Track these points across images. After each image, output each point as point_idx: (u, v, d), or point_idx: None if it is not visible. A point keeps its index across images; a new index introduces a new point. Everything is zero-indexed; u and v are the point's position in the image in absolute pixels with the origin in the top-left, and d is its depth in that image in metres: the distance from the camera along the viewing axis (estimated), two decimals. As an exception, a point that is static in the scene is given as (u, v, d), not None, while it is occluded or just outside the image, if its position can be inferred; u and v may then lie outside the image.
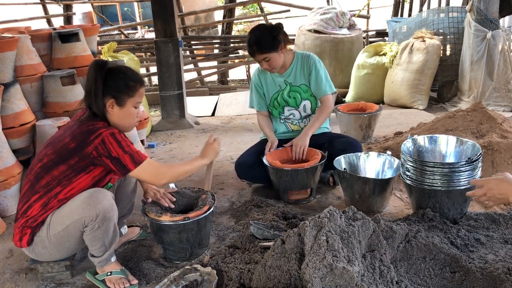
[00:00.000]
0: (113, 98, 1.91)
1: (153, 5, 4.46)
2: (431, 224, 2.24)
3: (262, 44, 2.67)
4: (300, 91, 2.90)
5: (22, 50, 3.27)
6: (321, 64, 2.86)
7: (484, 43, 4.76)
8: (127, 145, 1.87)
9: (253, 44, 2.69)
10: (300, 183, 2.67)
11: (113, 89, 1.91)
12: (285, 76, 2.89)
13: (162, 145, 4.25)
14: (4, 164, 2.74)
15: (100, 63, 1.93)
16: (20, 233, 1.92)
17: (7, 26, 6.12)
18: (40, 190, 1.87)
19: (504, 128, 2.96)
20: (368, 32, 6.99)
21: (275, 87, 2.93)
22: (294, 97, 2.91)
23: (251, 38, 2.72)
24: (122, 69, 1.99)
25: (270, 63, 2.73)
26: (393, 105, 5.39)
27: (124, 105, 1.94)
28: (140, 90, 1.97)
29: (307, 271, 1.58)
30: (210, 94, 6.70)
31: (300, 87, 2.89)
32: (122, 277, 1.99)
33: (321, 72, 2.83)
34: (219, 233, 2.44)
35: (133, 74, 1.98)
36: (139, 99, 1.98)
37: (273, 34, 2.69)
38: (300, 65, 2.87)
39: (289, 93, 2.91)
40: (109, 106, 1.92)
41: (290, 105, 2.94)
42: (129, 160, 1.86)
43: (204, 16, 11.52)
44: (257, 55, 2.72)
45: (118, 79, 1.92)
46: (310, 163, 2.64)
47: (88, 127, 1.86)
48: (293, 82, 2.89)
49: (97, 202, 1.84)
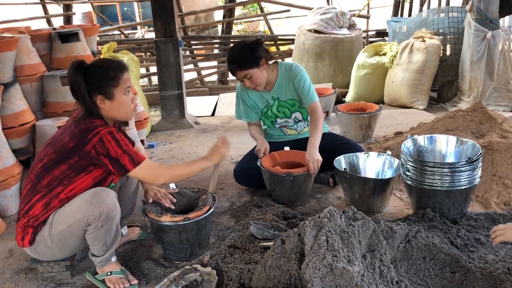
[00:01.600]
0: (100, 94, 1.89)
1: (153, 5, 4.46)
2: (431, 224, 2.24)
3: (242, 60, 2.61)
4: (288, 106, 2.86)
5: (22, 50, 3.28)
6: (304, 73, 2.78)
7: (484, 43, 4.76)
8: (125, 144, 1.87)
9: (233, 61, 2.63)
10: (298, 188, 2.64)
11: (96, 85, 1.89)
12: (273, 93, 2.83)
13: (162, 145, 4.25)
14: (4, 164, 2.74)
15: (76, 65, 1.90)
16: (22, 232, 1.92)
17: (7, 26, 6.12)
18: (42, 190, 1.87)
19: (504, 128, 2.96)
20: (368, 32, 6.99)
21: (263, 102, 2.89)
22: (284, 112, 2.88)
23: (230, 56, 2.65)
24: (98, 63, 1.96)
25: (252, 80, 2.65)
26: (393, 105, 5.39)
27: (113, 97, 1.92)
28: (123, 76, 1.93)
29: (307, 271, 1.58)
30: (210, 94, 6.69)
31: (287, 102, 2.84)
32: (122, 277, 1.99)
33: (306, 82, 2.75)
34: (219, 233, 2.44)
35: (110, 64, 1.94)
36: (125, 84, 1.94)
37: (252, 50, 2.61)
38: (285, 78, 2.80)
39: (278, 108, 2.87)
40: (99, 102, 1.90)
41: (281, 117, 2.92)
42: (128, 160, 1.86)
43: (204, 16, 11.53)
44: (238, 73, 2.65)
45: (97, 74, 1.89)
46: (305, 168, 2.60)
47: (85, 125, 1.86)
48: (281, 97, 2.84)
49: (101, 201, 1.84)
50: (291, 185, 2.61)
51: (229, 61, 2.66)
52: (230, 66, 2.67)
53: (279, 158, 2.81)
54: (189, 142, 4.33)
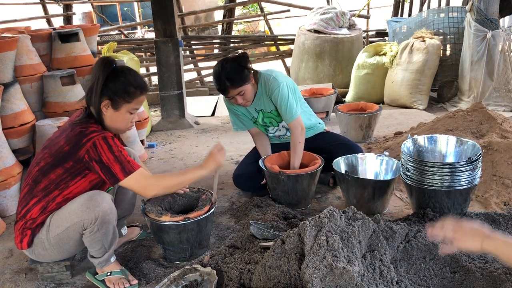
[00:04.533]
0: (109, 100, 1.87)
1: (153, 5, 4.46)
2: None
3: (235, 78, 2.49)
4: (273, 116, 2.80)
5: (22, 50, 3.27)
6: (281, 89, 2.60)
7: (484, 43, 4.75)
8: (118, 151, 1.82)
9: (225, 80, 2.48)
10: (301, 189, 2.64)
11: (111, 90, 1.86)
12: (254, 105, 2.74)
13: (162, 145, 4.25)
14: (4, 164, 2.74)
15: (106, 61, 1.87)
16: (20, 235, 1.92)
17: (7, 26, 6.12)
18: (39, 193, 1.87)
19: (504, 128, 2.96)
20: (368, 32, 6.99)
21: (249, 114, 2.84)
22: (270, 122, 2.84)
23: (220, 74, 2.49)
24: (126, 71, 1.92)
25: (245, 96, 2.57)
26: (393, 105, 5.39)
27: (119, 109, 1.89)
28: (139, 97, 1.91)
29: (307, 271, 1.58)
30: (210, 94, 6.69)
31: (271, 113, 2.78)
32: (122, 277, 1.99)
33: (283, 99, 2.60)
34: (219, 233, 2.44)
35: (135, 80, 1.91)
36: (136, 105, 1.92)
37: (242, 66, 2.51)
38: (264, 91, 2.68)
39: (263, 119, 2.82)
40: (103, 106, 1.88)
41: (270, 126, 2.88)
42: (119, 169, 1.81)
43: (204, 16, 11.53)
44: (231, 91, 2.53)
45: (118, 81, 1.87)
46: (311, 168, 2.60)
47: (81, 129, 1.84)
48: (264, 108, 2.75)
49: (96, 205, 1.83)
50: (290, 186, 2.60)
51: (220, 80, 2.50)
52: (221, 85, 2.51)
53: (289, 157, 2.78)
54: (189, 142, 4.32)
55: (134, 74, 1.94)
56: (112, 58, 1.92)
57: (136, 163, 1.89)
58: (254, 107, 2.77)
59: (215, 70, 2.56)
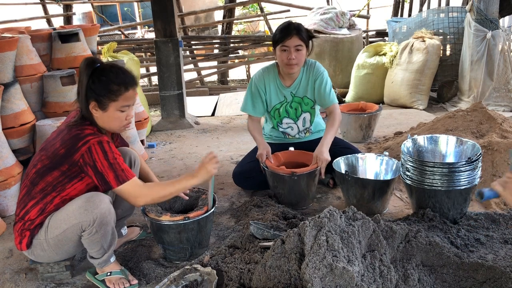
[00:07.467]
0: (95, 101, 1.83)
1: (153, 5, 4.46)
2: (431, 224, 2.24)
3: (302, 29, 2.62)
4: (301, 103, 2.84)
5: (22, 50, 3.27)
6: (326, 73, 2.79)
7: (484, 43, 4.76)
8: (113, 158, 1.80)
9: (294, 28, 2.60)
10: (301, 188, 2.64)
11: (95, 91, 1.81)
12: (292, 88, 2.81)
13: (162, 145, 4.25)
14: (4, 164, 2.74)
15: (88, 62, 1.83)
16: (19, 236, 1.92)
17: (7, 26, 6.12)
18: (37, 195, 1.87)
19: (504, 128, 2.96)
20: (368, 32, 7.00)
21: (279, 97, 2.84)
22: (296, 108, 2.86)
23: (290, 23, 2.64)
24: (107, 70, 1.84)
25: (298, 55, 2.63)
26: (393, 105, 5.39)
27: (107, 109, 1.85)
28: (125, 94, 1.84)
29: (307, 271, 1.58)
30: (210, 94, 6.70)
31: (303, 99, 2.83)
32: (122, 277, 1.99)
33: (328, 83, 2.77)
34: (219, 233, 2.44)
35: (117, 77, 1.83)
36: (124, 102, 1.86)
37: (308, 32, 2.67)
38: (305, 74, 2.79)
39: (291, 103, 2.85)
40: (92, 108, 1.84)
41: (290, 117, 2.88)
42: (112, 177, 1.80)
43: (204, 16, 11.54)
44: (293, 39, 2.59)
45: (100, 81, 1.81)
46: (311, 167, 2.60)
47: (76, 131, 1.82)
48: (297, 93, 2.82)
49: (94, 207, 1.82)
50: (295, 185, 2.60)
51: (289, 27, 2.61)
52: (286, 31, 2.60)
53: (283, 158, 2.79)
54: (189, 142, 4.33)
55: (117, 71, 1.86)
56: (95, 58, 1.88)
57: (130, 171, 1.87)
58: (290, 90, 2.82)
59: (284, 23, 2.68)
